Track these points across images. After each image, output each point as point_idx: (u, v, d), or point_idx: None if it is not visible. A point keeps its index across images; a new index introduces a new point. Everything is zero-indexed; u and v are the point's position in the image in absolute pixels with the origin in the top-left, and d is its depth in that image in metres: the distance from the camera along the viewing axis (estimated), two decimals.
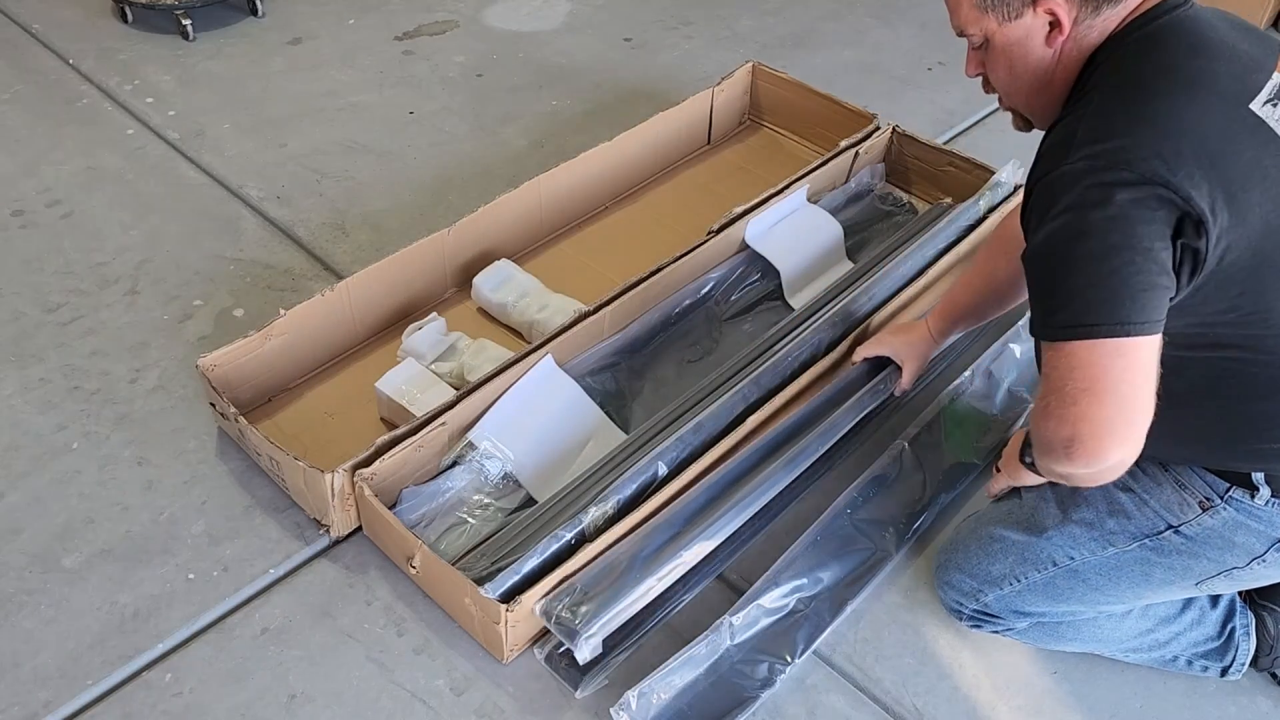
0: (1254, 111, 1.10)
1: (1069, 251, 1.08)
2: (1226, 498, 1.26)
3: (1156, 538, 1.32)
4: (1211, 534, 1.28)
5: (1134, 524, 1.33)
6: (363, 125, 2.54)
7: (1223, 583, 1.34)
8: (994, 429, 1.83)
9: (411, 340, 1.83)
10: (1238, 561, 1.29)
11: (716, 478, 1.62)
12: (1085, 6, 1.15)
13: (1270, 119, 1.11)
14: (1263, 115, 1.10)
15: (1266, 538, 1.27)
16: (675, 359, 1.95)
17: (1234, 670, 1.50)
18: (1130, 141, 1.06)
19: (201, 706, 1.45)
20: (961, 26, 1.24)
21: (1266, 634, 1.50)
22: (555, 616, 1.44)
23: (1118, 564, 1.36)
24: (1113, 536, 1.35)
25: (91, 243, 2.17)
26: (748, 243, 2.06)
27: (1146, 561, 1.34)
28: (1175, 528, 1.30)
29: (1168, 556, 1.32)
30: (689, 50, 2.88)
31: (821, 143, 2.42)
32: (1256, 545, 1.27)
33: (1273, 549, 1.27)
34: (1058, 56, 1.20)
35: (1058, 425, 1.10)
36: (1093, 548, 1.37)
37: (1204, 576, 1.33)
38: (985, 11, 1.19)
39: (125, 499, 1.70)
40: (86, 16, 2.87)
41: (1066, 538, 1.39)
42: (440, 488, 1.64)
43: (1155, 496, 1.31)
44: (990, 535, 1.48)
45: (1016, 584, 1.45)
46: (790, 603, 1.56)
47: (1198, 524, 1.29)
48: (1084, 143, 1.09)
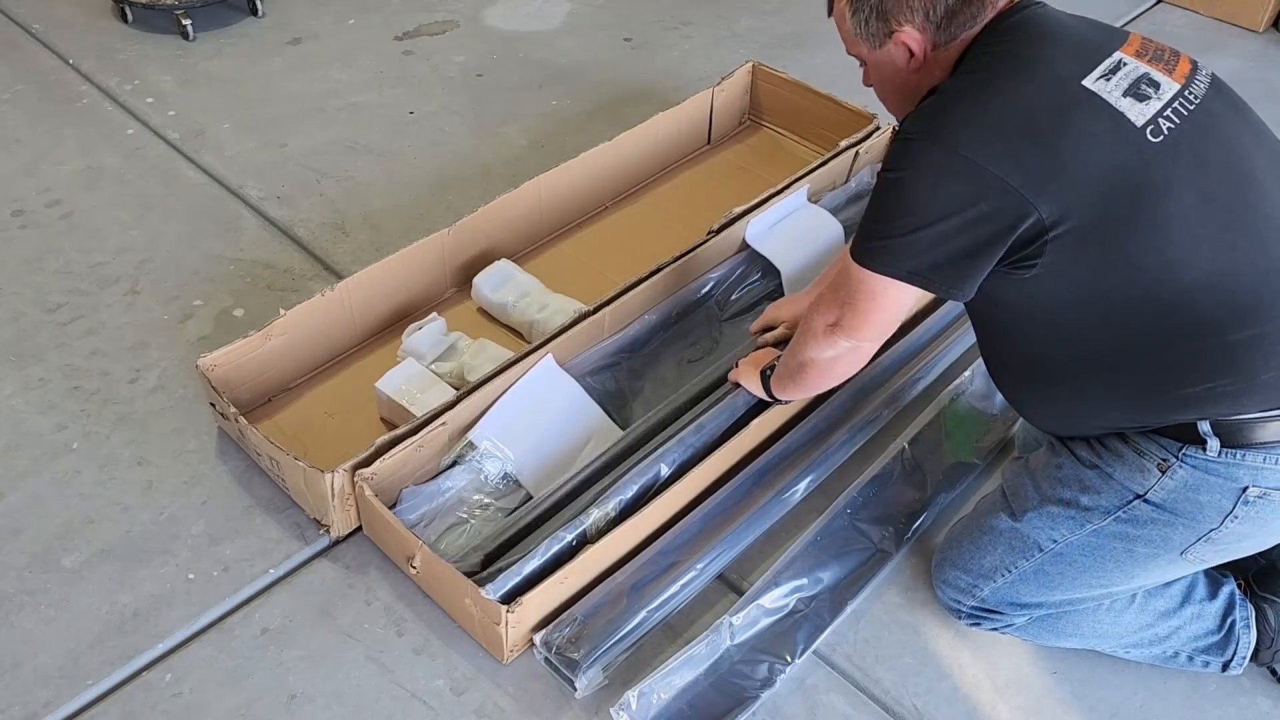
0: (1085, 86, 1.22)
1: (884, 202, 1.28)
2: (1181, 456, 1.29)
3: (1128, 508, 1.34)
4: (1177, 497, 1.30)
5: (1104, 498, 1.36)
6: (363, 125, 2.54)
7: (1207, 549, 1.34)
8: (994, 429, 1.83)
9: (411, 340, 1.83)
10: (1211, 522, 1.31)
11: (712, 505, 1.63)
12: (940, 33, 1.31)
13: (1102, 91, 1.23)
14: (1095, 89, 1.22)
15: (1231, 491, 1.28)
16: (675, 359, 1.95)
17: (1235, 664, 1.50)
18: (958, 120, 1.22)
19: (201, 706, 1.45)
20: (847, 49, 1.43)
21: (1267, 626, 1.50)
22: (555, 649, 1.45)
23: (1098, 541, 1.38)
24: (1088, 514, 1.37)
25: (91, 242, 2.17)
26: (748, 242, 2.06)
27: (1126, 536, 1.36)
28: (1142, 496, 1.33)
29: (1143, 527, 1.34)
30: (689, 50, 2.88)
31: (821, 143, 2.42)
32: (1224, 501, 1.29)
33: (1240, 503, 1.28)
34: (920, 74, 1.36)
35: (826, 311, 1.38)
36: (1071, 526, 1.39)
37: (1185, 545, 1.34)
38: (858, 39, 1.37)
39: (125, 499, 1.70)
40: (86, 16, 2.87)
41: (1046, 519, 1.41)
42: (440, 488, 1.64)
43: (1118, 468, 1.34)
44: (980, 527, 1.50)
45: (1008, 574, 1.46)
46: (790, 603, 1.56)
47: (1161, 488, 1.31)
48: (925, 115, 1.26)
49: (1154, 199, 1.21)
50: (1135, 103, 1.23)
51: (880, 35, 1.34)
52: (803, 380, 1.52)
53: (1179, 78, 1.27)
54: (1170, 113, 1.23)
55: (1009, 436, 1.83)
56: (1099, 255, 1.22)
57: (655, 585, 1.52)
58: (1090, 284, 1.24)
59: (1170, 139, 1.22)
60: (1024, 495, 1.45)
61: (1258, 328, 1.23)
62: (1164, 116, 1.23)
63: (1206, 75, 1.31)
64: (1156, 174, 1.21)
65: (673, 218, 2.25)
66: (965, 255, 1.24)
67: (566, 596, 1.52)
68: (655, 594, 1.51)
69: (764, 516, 1.64)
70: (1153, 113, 1.22)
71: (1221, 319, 1.23)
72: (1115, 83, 1.23)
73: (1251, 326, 1.23)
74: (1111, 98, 1.22)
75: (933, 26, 1.30)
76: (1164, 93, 1.25)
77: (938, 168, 1.22)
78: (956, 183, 1.21)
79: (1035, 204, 1.18)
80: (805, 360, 1.48)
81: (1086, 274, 1.24)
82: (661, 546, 1.57)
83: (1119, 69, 1.25)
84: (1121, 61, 1.26)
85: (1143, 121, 1.22)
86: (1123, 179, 1.20)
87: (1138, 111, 1.22)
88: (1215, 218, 1.22)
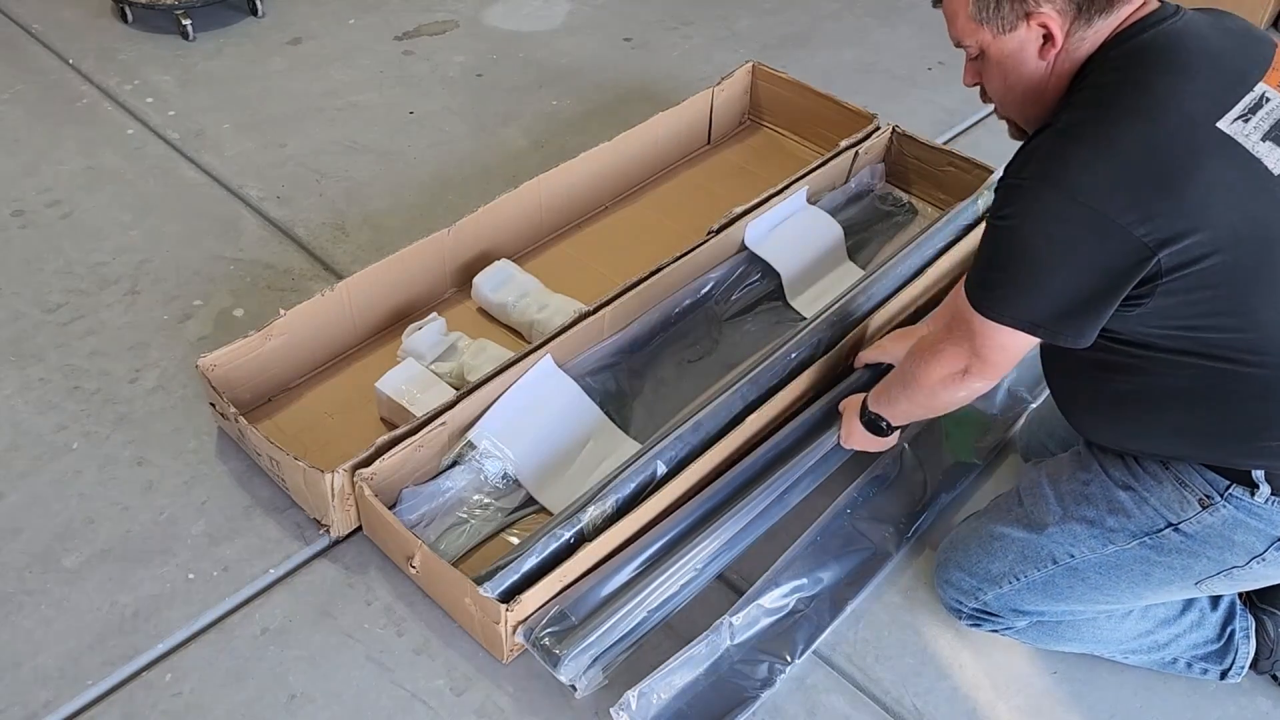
0: (1220, 129, 1.13)
1: (1002, 250, 1.21)
2: (1226, 495, 1.26)
3: (1156, 535, 1.32)
4: (1211, 532, 1.29)
5: (1134, 522, 1.33)
6: (363, 125, 2.54)
7: (1222, 583, 1.34)
8: (994, 429, 1.83)
9: (411, 340, 1.83)
10: (1238, 560, 1.29)
11: (700, 504, 1.62)
12: (1078, 19, 1.19)
13: (1239, 134, 1.14)
14: (1230, 132, 1.13)
15: (1267, 536, 1.27)
16: (675, 359, 1.95)
17: (1234, 673, 1.50)
18: (1079, 166, 1.13)
19: (201, 706, 1.45)
20: (958, 37, 1.27)
21: (1266, 637, 1.50)
22: (536, 642, 1.44)
23: (1117, 562, 1.36)
24: (1113, 534, 1.35)
25: (91, 243, 2.17)
26: (747, 245, 2.06)
27: (1146, 560, 1.34)
28: (1175, 525, 1.30)
29: (1167, 555, 1.33)
30: (689, 50, 2.88)
31: (821, 143, 2.42)
32: (1256, 544, 1.27)
33: (1272, 547, 1.27)
34: (1050, 68, 1.23)
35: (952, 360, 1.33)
36: (1093, 545, 1.37)
37: (1204, 576, 1.33)
38: (981, 24, 1.22)
39: (125, 499, 1.70)
40: (86, 16, 2.87)
41: (1067, 535, 1.39)
42: (440, 488, 1.64)
43: (1155, 494, 1.32)
44: (990, 533, 1.49)
45: (1016, 582, 1.45)
46: (790, 603, 1.56)
47: (1197, 522, 1.29)
48: (1041, 159, 1.17)
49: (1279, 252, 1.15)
50: (1275, 148, 1.15)
51: (1013, 17, 1.20)
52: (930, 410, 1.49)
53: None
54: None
55: (1009, 437, 1.84)
56: (1213, 302, 1.16)
57: (650, 578, 1.51)
58: (1196, 328, 1.19)
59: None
60: (1044, 508, 1.42)
61: None
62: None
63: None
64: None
65: (673, 218, 2.25)
66: (1088, 303, 1.17)
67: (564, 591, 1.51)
68: (654, 590, 1.50)
69: (764, 517, 1.64)
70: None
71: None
72: (1254, 124, 1.15)
73: None
74: (1248, 142, 1.14)
75: (1074, 8, 1.18)
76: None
77: (1058, 216, 1.14)
78: (1078, 231, 1.14)
79: (1157, 252, 1.12)
80: (937, 405, 1.44)
81: (1195, 317, 1.18)
82: (643, 544, 1.56)
83: (1260, 107, 1.16)
84: (1264, 98, 1.16)
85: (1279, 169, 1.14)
86: (1252, 231, 1.13)
87: (1275, 158, 1.14)
88: None
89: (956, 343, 1.32)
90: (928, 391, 1.41)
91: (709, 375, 1.92)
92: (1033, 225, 1.16)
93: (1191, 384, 1.23)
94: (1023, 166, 1.19)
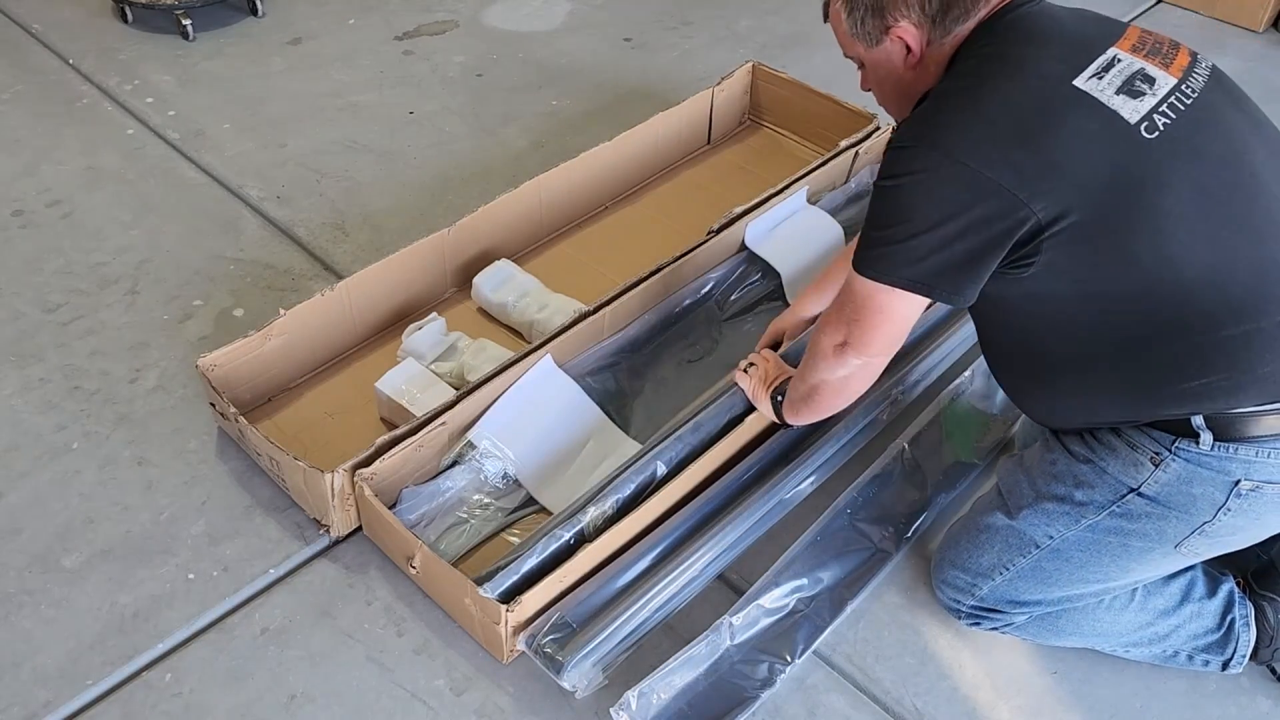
0: (1076, 86, 1.22)
1: (881, 210, 1.29)
2: (1174, 449, 1.29)
3: (1122, 502, 1.34)
4: (1171, 490, 1.31)
5: (1099, 493, 1.36)
6: (363, 125, 2.54)
7: (1201, 542, 1.34)
8: (994, 429, 1.83)
9: (411, 340, 1.83)
10: (1205, 514, 1.31)
11: (699, 506, 1.63)
12: (935, 29, 1.31)
13: (1094, 90, 1.22)
14: (1086, 88, 1.22)
15: (1223, 484, 1.28)
16: (675, 359, 1.95)
17: (1235, 663, 1.50)
18: (952, 126, 1.22)
19: (201, 706, 1.45)
20: (844, 50, 1.43)
21: (1266, 624, 1.50)
22: (539, 649, 1.44)
23: (1094, 536, 1.38)
24: (1083, 509, 1.38)
25: (91, 243, 2.17)
26: (747, 245, 2.06)
27: (1120, 530, 1.36)
28: (1136, 490, 1.33)
29: (1138, 521, 1.34)
30: (689, 50, 2.88)
31: (821, 143, 2.42)
32: (1216, 494, 1.29)
33: (1233, 495, 1.28)
34: (917, 71, 1.36)
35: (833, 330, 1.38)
36: (1066, 522, 1.39)
37: (1180, 537, 1.34)
38: (855, 39, 1.38)
39: (125, 499, 1.70)
40: (86, 16, 2.87)
41: (1041, 515, 1.41)
42: (440, 488, 1.64)
43: (1111, 462, 1.35)
44: (977, 526, 1.50)
45: (1006, 572, 1.47)
46: (790, 603, 1.56)
47: (1154, 481, 1.31)
48: (919, 121, 1.27)
49: (1149, 195, 1.21)
50: (1129, 100, 1.22)
51: (877, 32, 1.34)
52: (816, 403, 1.51)
53: (1176, 71, 1.27)
54: (1165, 108, 1.24)
55: (1009, 436, 1.84)
56: (1096, 253, 1.22)
57: (650, 582, 1.51)
58: (1087, 281, 1.25)
59: (1165, 134, 1.22)
60: (1019, 492, 1.45)
61: (1254, 323, 1.23)
62: (1159, 112, 1.23)
63: (1206, 68, 1.31)
64: (1151, 170, 1.21)
65: (673, 218, 2.25)
66: (965, 261, 1.24)
67: (565, 595, 1.51)
68: (655, 594, 1.50)
69: (764, 517, 1.64)
70: (1147, 109, 1.23)
71: (1218, 314, 1.23)
72: (1108, 80, 1.23)
73: (1247, 322, 1.23)
74: (1104, 96, 1.22)
75: (929, 21, 1.30)
76: (1159, 88, 1.25)
77: (932, 173, 1.22)
78: (952, 188, 1.21)
79: (1030, 205, 1.19)
80: (817, 383, 1.47)
81: (1084, 271, 1.24)
82: (643, 548, 1.56)
83: (1112, 66, 1.25)
84: (1116, 58, 1.26)
85: (1136, 118, 1.22)
86: (1117, 176, 1.20)
87: (1131, 109, 1.22)
88: (1212, 213, 1.22)
89: (838, 311, 1.37)
90: (811, 368, 1.46)
91: (709, 375, 1.92)
92: (911, 183, 1.24)
93: (1102, 336, 1.29)
94: (904, 131, 1.28)
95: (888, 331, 1.34)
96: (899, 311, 1.32)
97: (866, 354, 1.38)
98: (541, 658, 1.43)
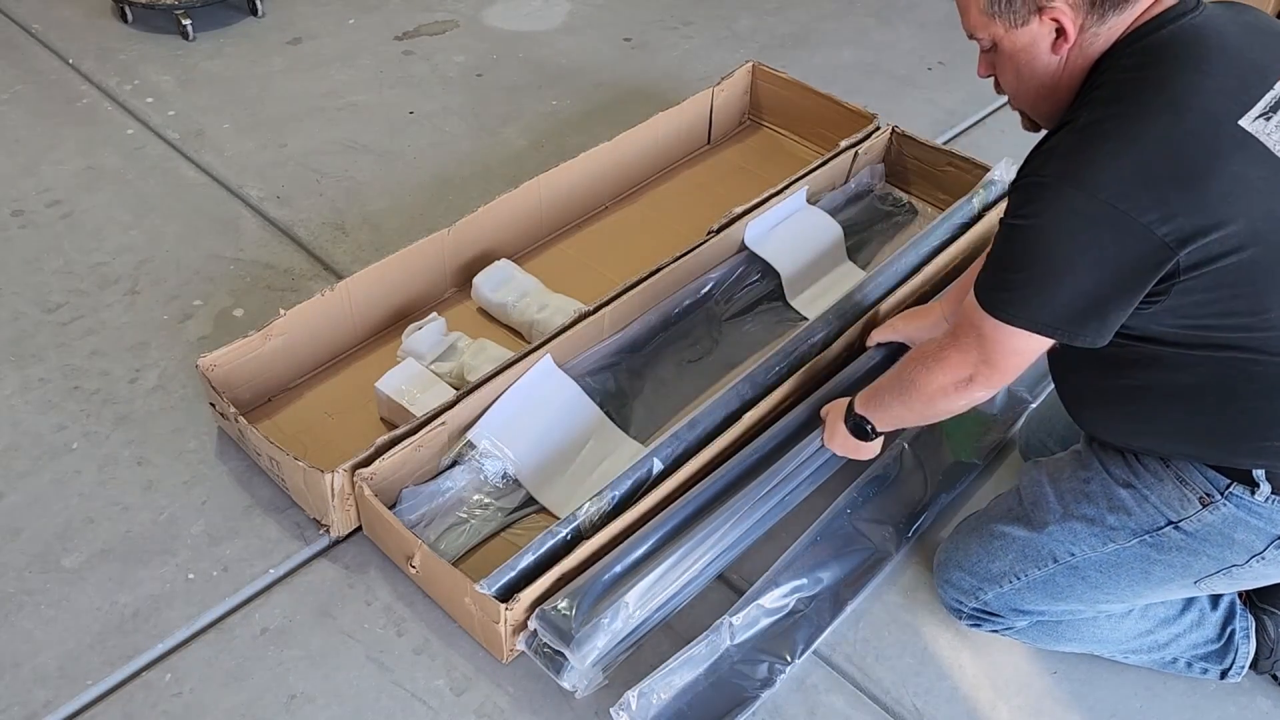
0: (1242, 127, 1.12)
1: (1018, 249, 1.19)
2: (1227, 494, 1.26)
3: (1157, 534, 1.32)
4: (1211, 530, 1.29)
5: (1134, 520, 1.33)
6: (363, 125, 2.54)
7: (1222, 581, 1.34)
8: (994, 429, 1.83)
9: (411, 340, 1.83)
10: (1237, 559, 1.29)
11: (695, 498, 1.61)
12: (1091, 15, 1.18)
13: (1260, 133, 1.13)
14: (1253, 130, 1.13)
15: (1266, 535, 1.27)
16: (675, 359, 1.95)
17: (1234, 673, 1.50)
18: (1102, 164, 1.12)
19: (201, 706, 1.45)
20: (971, 30, 1.27)
21: (1266, 637, 1.50)
22: (539, 649, 1.43)
23: (1118, 560, 1.36)
24: (1113, 532, 1.35)
25: (91, 242, 2.17)
26: (747, 245, 2.06)
27: (1146, 559, 1.34)
28: (1175, 524, 1.30)
29: (1167, 553, 1.33)
30: (689, 50, 2.88)
31: (821, 143, 2.42)
32: (1256, 542, 1.28)
33: (1272, 546, 1.27)
34: (1064, 63, 1.22)
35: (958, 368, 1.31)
36: (1093, 543, 1.37)
37: (1203, 574, 1.33)
38: (993, 17, 1.22)
39: (125, 499, 1.70)
40: (86, 16, 2.87)
41: (1067, 533, 1.39)
42: (440, 488, 1.64)
43: (1156, 492, 1.31)
44: (991, 532, 1.49)
45: (1016, 581, 1.45)
46: (790, 603, 1.56)
47: (1198, 520, 1.29)
48: (1062, 156, 1.15)
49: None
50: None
51: (1025, 11, 1.19)
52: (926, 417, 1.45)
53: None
54: None
55: (1009, 436, 1.84)
56: (1229, 301, 1.15)
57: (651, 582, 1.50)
58: (1208, 326, 1.18)
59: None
60: (1044, 506, 1.42)
61: None
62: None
63: None
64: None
65: (673, 218, 2.25)
66: (1105, 304, 1.16)
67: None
68: (654, 594, 1.50)
69: (764, 517, 1.64)
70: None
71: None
72: (1276, 122, 1.14)
73: None
74: (1270, 141, 1.13)
75: (1087, 3, 1.17)
76: None
77: (1078, 214, 1.13)
78: (1099, 231, 1.12)
79: (1178, 252, 1.11)
80: (936, 411, 1.40)
81: (1208, 317, 1.17)
82: (640, 536, 1.55)
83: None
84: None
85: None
86: (1272, 228, 1.13)
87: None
88: None
89: (963, 350, 1.30)
90: (925, 399, 1.38)
91: (709, 375, 1.92)
92: (1052, 223, 1.15)
93: (1200, 380, 1.23)
94: (1043, 165, 1.17)
95: (1018, 365, 1.27)
96: (1032, 348, 1.24)
97: (993, 387, 1.31)
98: (541, 657, 1.43)
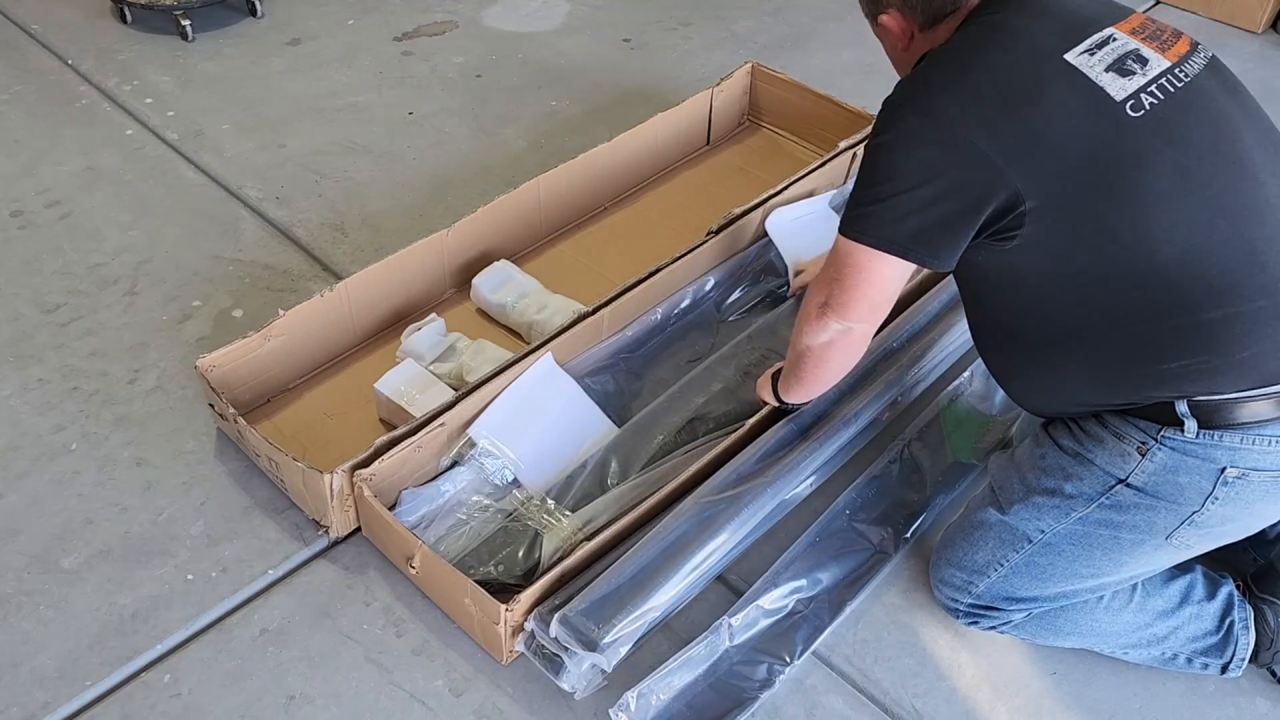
0: (1067, 60, 1.24)
1: (867, 169, 1.31)
2: (1160, 438, 1.29)
3: (1111, 493, 1.35)
4: (1158, 480, 1.31)
5: (1087, 484, 1.36)
6: (362, 125, 2.54)
7: (1192, 533, 1.34)
8: (994, 429, 1.83)
9: (410, 341, 1.83)
10: (1194, 504, 1.31)
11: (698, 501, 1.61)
12: (921, 17, 1.36)
13: (1084, 65, 1.24)
14: (1076, 63, 1.24)
15: (1209, 472, 1.28)
16: (674, 359, 1.95)
17: (1234, 666, 1.50)
18: (937, 89, 1.25)
19: (200, 707, 1.45)
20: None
21: (1266, 627, 1.50)
22: (538, 650, 1.43)
23: (1084, 529, 1.38)
24: (1072, 501, 1.38)
25: (90, 243, 2.17)
26: (766, 228, 2.06)
27: (1111, 523, 1.36)
28: (1124, 481, 1.33)
29: (1127, 513, 1.35)
30: (688, 51, 2.88)
31: (821, 143, 2.42)
32: (1203, 483, 1.29)
33: (1219, 484, 1.28)
34: (909, 53, 1.42)
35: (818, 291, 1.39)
36: (1056, 515, 1.40)
37: (1170, 529, 1.34)
38: (864, 16, 1.46)
39: (124, 499, 1.70)
40: (86, 16, 2.87)
41: (1032, 509, 1.42)
42: (439, 490, 1.64)
43: (1099, 454, 1.35)
44: (971, 523, 1.51)
45: (1000, 568, 1.47)
46: (789, 604, 1.56)
47: (1142, 471, 1.31)
48: (908, 82, 1.31)
49: (1129, 173, 1.21)
50: (1117, 77, 1.24)
51: (873, 14, 1.43)
52: (802, 373, 1.52)
53: (1171, 56, 1.28)
54: (1154, 89, 1.24)
55: (1009, 436, 1.84)
56: (1076, 228, 1.23)
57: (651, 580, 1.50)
58: (1067, 257, 1.26)
59: (1150, 114, 1.23)
60: (1010, 488, 1.46)
61: (1233, 306, 1.23)
62: (1146, 92, 1.24)
63: (1205, 56, 1.32)
64: (1133, 148, 1.21)
65: (672, 218, 2.25)
66: (941, 225, 1.25)
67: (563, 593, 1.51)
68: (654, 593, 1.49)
69: (764, 518, 1.63)
70: (1134, 88, 1.23)
71: (1196, 296, 1.23)
72: (1099, 58, 1.25)
73: (1227, 305, 1.23)
74: (1092, 72, 1.23)
75: (912, 12, 1.36)
76: (1150, 69, 1.26)
77: (916, 134, 1.25)
78: (932, 151, 1.23)
79: (1008, 173, 1.20)
80: (802, 350, 1.48)
81: (1063, 247, 1.25)
82: (656, 539, 1.55)
83: (1106, 44, 1.26)
84: (1111, 37, 1.27)
85: (1122, 96, 1.23)
86: (1098, 152, 1.21)
87: (1118, 86, 1.23)
88: (1193, 195, 1.23)
89: (824, 271, 1.39)
90: (796, 335, 1.46)
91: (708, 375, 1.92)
92: (894, 142, 1.26)
93: (1085, 318, 1.29)
94: (894, 92, 1.30)
95: (866, 294, 1.34)
96: (878, 273, 1.32)
97: (846, 318, 1.38)
98: (541, 658, 1.43)
